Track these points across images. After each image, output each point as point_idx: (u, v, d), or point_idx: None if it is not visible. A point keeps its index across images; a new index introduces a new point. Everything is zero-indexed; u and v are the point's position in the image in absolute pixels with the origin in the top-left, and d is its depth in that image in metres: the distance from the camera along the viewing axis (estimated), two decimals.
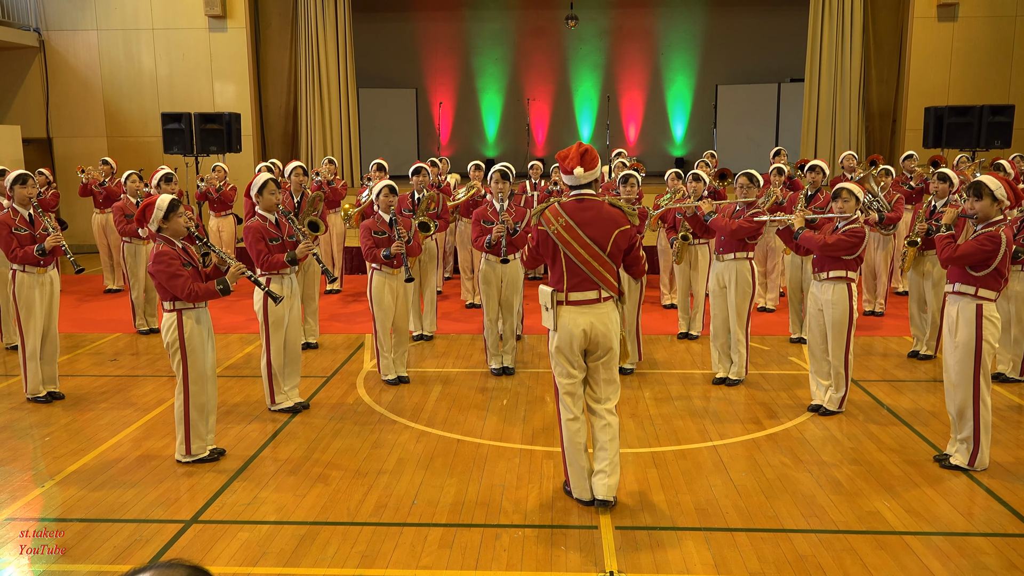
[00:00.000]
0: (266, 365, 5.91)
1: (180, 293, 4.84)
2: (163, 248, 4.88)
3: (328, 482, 4.79)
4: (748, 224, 6.31)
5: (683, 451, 5.23)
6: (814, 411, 5.91)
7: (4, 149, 12.70)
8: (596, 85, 18.33)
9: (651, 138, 18.32)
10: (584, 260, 4.21)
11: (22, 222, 6.19)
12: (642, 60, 18.23)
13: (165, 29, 13.98)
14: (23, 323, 6.17)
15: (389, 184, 6.54)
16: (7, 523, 4.33)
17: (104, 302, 10.02)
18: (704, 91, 17.93)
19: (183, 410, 5.02)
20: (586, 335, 4.27)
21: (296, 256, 5.86)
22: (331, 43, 14.44)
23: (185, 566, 1.26)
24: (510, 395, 6.38)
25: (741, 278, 6.40)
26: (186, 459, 5.06)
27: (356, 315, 9.13)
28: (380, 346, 6.58)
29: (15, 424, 5.84)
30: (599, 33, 18.13)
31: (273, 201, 5.94)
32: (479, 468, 4.98)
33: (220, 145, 12.50)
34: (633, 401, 6.14)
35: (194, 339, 4.94)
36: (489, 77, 18.35)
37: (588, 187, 4.29)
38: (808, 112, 14.34)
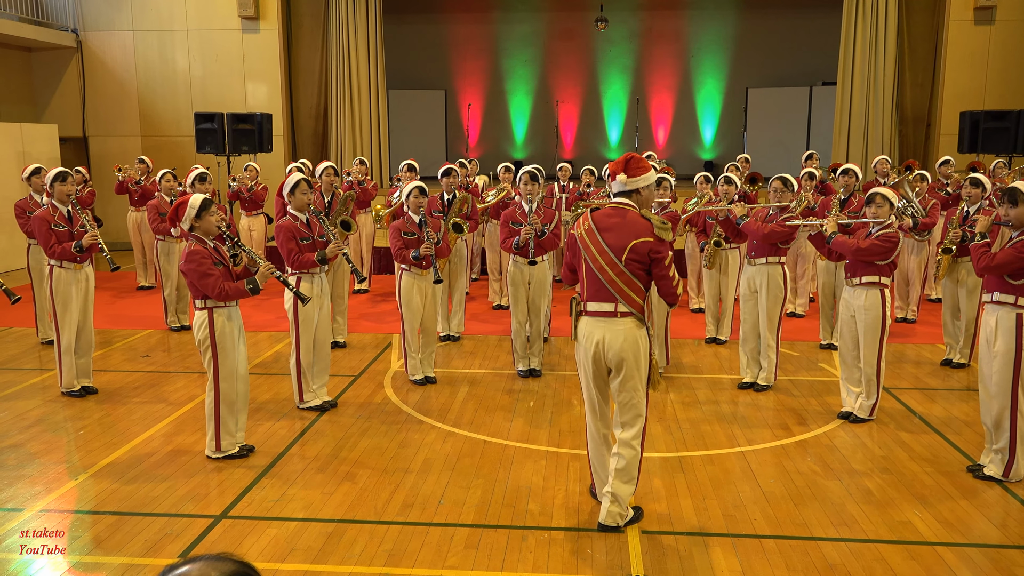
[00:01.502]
0: (295, 363, 5.96)
1: (211, 292, 4.89)
2: (195, 247, 4.93)
3: (355, 480, 4.82)
4: (781, 228, 6.25)
5: (711, 456, 5.20)
6: (844, 418, 5.85)
7: (41, 147, 12.93)
8: (625, 87, 18.28)
9: (680, 141, 18.23)
10: (600, 267, 4.08)
11: (61, 219, 6.29)
12: (672, 63, 18.15)
13: (199, 30, 14.16)
14: (59, 318, 6.26)
15: (419, 185, 6.57)
16: (42, 514, 4.41)
17: (137, 299, 10.16)
18: (734, 94, 17.82)
19: (213, 407, 5.07)
20: (599, 349, 4.11)
21: (326, 256, 5.91)
22: (362, 44, 14.54)
23: (233, 560, 1.27)
24: (536, 397, 6.38)
25: (773, 283, 6.34)
26: (216, 455, 5.12)
27: (385, 315, 9.18)
28: (408, 346, 6.61)
29: (50, 417, 5.94)
30: (629, 35, 18.08)
31: (305, 201, 5.97)
32: (505, 469, 4.98)
33: (252, 145, 12.63)
34: (661, 405, 6.11)
35: (225, 337, 5.00)
36: (518, 79, 18.37)
37: (628, 195, 4.17)
38: (840, 116, 14.19)
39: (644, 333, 4.12)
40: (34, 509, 4.47)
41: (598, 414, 4.31)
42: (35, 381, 6.83)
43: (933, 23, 13.93)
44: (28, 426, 5.76)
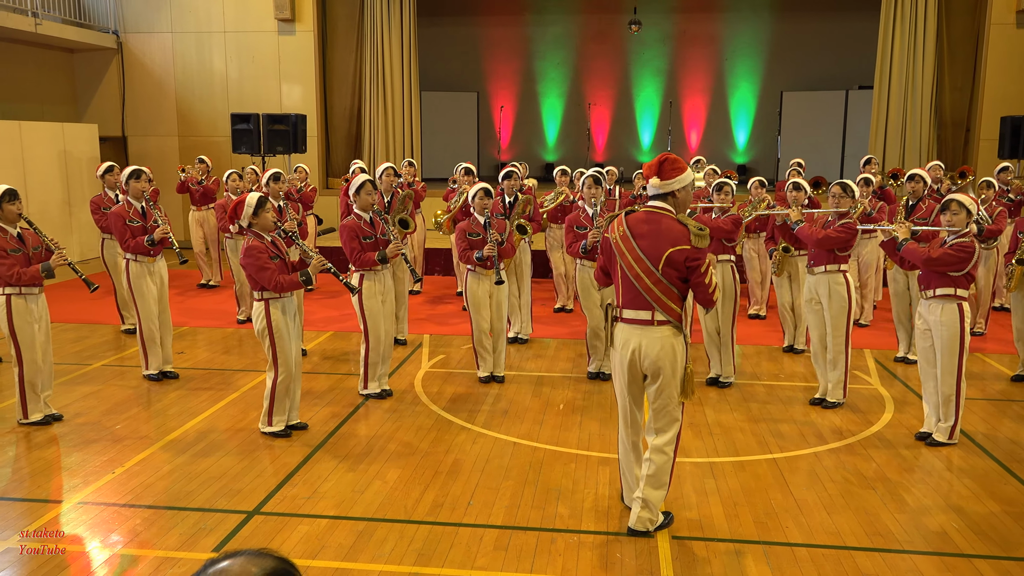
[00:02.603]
0: (364, 354, 6.27)
1: (267, 284, 5.25)
2: (252, 242, 5.27)
3: (386, 480, 4.85)
4: (836, 234, 5.97)
5: (742, 463, 5.16)
6: (922, 439, 5.52)
7: (82, 147, 13.19)
8: (658, 90, 18.20)
9: (713, 144, 18.11)
10: (636, 275, 4.02)
11: (135, 214, 6.64)
12: (705, 65, 18.04)
13: (236, 32, 14.35)
14: (140, 307, 6.63)
15: (484, 187, 6.67)
16: (80, 506, 4.50)
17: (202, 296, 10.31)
18: (768, 97, 17.66)
19: (271, 386, 5.46)
20: (635, 357, 4.07)
21: (387, 255, 6.10)
22: (395, 46, 14.64)
23: (273, 556, 1.29)
24: (567, 400, 6.37)
25: (835, 292, 6.03)
26: (267, 429, 5.54)
27: (446, 316, 9.19)
28: (478, 346, 6.70)
29: (88, 412, 6.05)
30: (662, 38, 18.00)
31: (369, 201, 6.17)
32: (535, 471, 4.98)
33: (286, 146, 12.77)
34: (691, 411, 6.07)
35: (280, 326, 5.35)
36: (550, 81, 18.38)
37: (663, 198, 4.08)
38: (877, 121, 14.00)
39: (681, 341, 4.07)
40: (72, 501, 4.56)
41: (629, 421, 4.29)
42: (75, 375, 6.95)
43: (973, 26, 13.70)
44: (67, 419, 5.87)
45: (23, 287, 5.54)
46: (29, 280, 5.52)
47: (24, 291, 5.56)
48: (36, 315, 5.63)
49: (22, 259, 5.54)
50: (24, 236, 5.64)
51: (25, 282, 5.51)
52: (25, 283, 5.52)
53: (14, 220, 5.60)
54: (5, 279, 5.48)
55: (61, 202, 12.54)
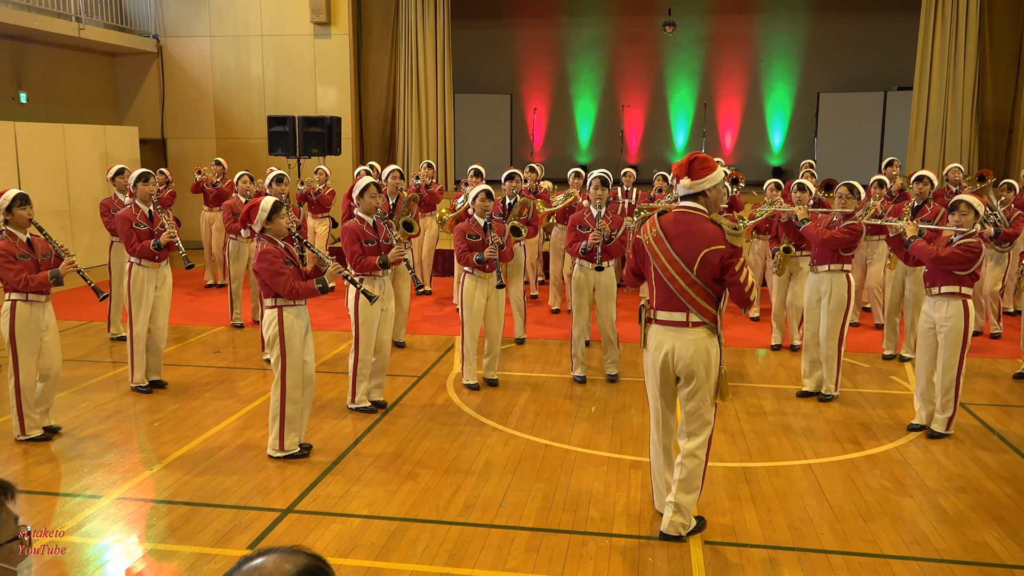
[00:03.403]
0: (353, 364, 6.06)
1: (282, 290, 5.03)
2: (266, 247, 5.08)
3: (417, 480, 4.87)
4: (841, 235, 6.09)
5: (776, 468, 5.10)
6: (915, 431, 5.70)
7: (123, 149, 13.45)
8: (692, 92, 18.08)
9: (748, 147, 17.94)
10: (670, 277, 3.98)
11: (142, 218, 6.50)
12: (740, 67, 17.88)
13: (273, 35, 14.53)
14: (133, 314, 6.46)
15: (486, 189, 6.62)
16: (119, 502, 4.58)
17: (208, 296, 10.46)
18: (805, 99, 17.46)
19: (279, 404, 5.16)
20: (668, 359, 4.05)
21: (388, 260, 5.98)
22: (430, 49, 14.71)
23: (306, 553, 1.30)
24: (599, 402, 6.35)
25: (836, 291, 6.19)
26: (278, 454, 5.19)
27: (447, 317, 9.26)
28: (466, 350, 6.63)
29: (126, 409, 6.17)
30: (697, 39, 17.88)
31: (373, 204, 6.06)
32: (566, 474, 4.97)
33: (321, 148, 12.89)
34: (724, 415, 6.02)
35: (293, 334, 5.11)
36: (584, 83, 18.34)
37: (694, 198, 4.05)
38: (916, 122, 13.77)
39: (716, 343, 4.04)
40: (111, 497, 4.64)
41: (662, 425, 4.26)
42: (111, 374, 7.09)
43: (1017, 25, 13.41)
44: (106, 417, 5.99)
45: (30, 294, 5.41)
46: (37, 287, 5.38)
47: (31, 298, 5.42)
48: (43, 323, 5.49)
49: (31, 265, 5.44)
50: (33, 242, 5.54)
51: (33, 288, 5.38)
52: (32, 289, 5.38)
53: (24, 225, 5.49)
54: (12, 284, 5.36)
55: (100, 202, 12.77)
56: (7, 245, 5.38)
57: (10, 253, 5.36)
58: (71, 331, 8.55)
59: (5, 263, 5.33)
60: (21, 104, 12.72)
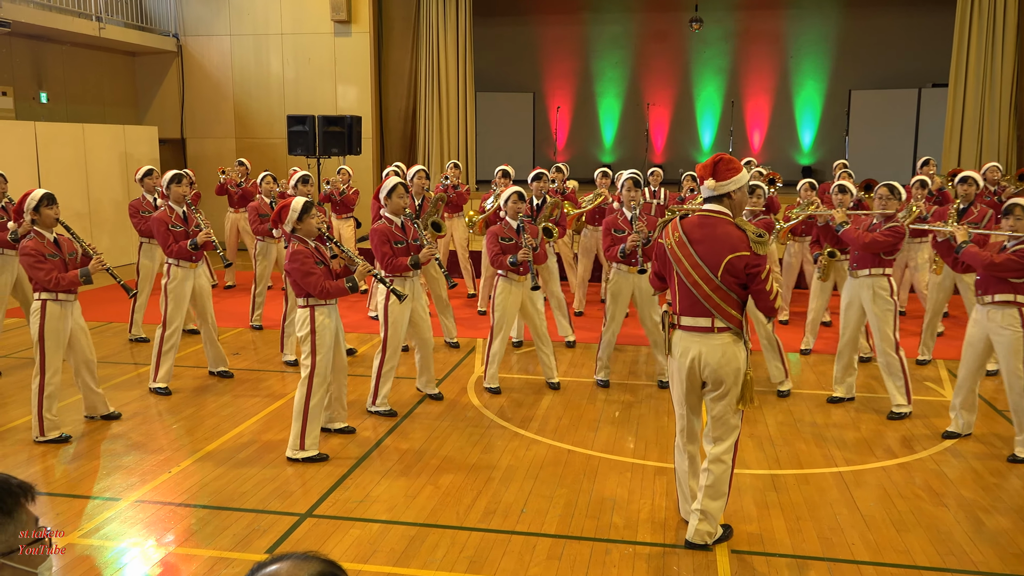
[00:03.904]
0: (378, 364, 6.10)
1: (313, 290, 5.18)
2: (297, 248, 5.23)
3: (438, 485, 4.88)
4: (883, 238, 5.93)
5: (806, 475, 5.06)
6: (951, 438, 5.62)
7: (142, 149, 13.61)
8: (719, 90, 17.98)
9: (777, 146, 17.81)
10: (694, 282, 3.96)
11: (177, 219, 6.72)
12: (769, 64, 17.76)
13: (293, 34, 14.64)
14: (169, 314, 6.62)
15: (518, 191, 6.61)
16: (138, 504, 4.63)
17: (227, 297, 10.55)
18: (836, 96, 17.30)
19: (303, 403, 5.22)
20: (694, 365, 4.02)
21: (419, 260, 6.05)
22: (451, 47, 14.75)
23: (320, 559, 1.30)
24: (622, 407, 6.33)
25: (879, 296, 6.01)
26: (298, 455, 5.22)
27: (471, 319, 9.26)
28: (492, 353, 6.62)
29: (146, 411, 6.23)
30: (724, 36, 17.78)
31: (401, 205, 6.15)
32: (589, 480, 4.96)
33: (341, 147, 12.96)
34: (751, 421, 5.98)
35: (325, 333, 5.26)
36: (608, 81, 18.30)
37: (719, 200, 4.02)
38: (952, 120, 13.60)
39: (742, 347, 4.01)
40: (130, 499, 4.70)
41: (687, 431, 4.24)
42: (134, 375, 7.17)
43: None
44: (126, 418, 6.06)
45: (60, 293, 5.54)
46: (67, 285, 5.51)
47: (61, 297, 5.55)
48: (72, 321, 5.63)
49: (59, 264, 5.57)
50: (60, 241, 5.67)
51: (63, 288, 5.50)
52: (63, 288, 5.51)
53: (51, 225, 5.63)
54: (43, 284, 5.49)
55: (120, 204, 12.93)
56: (36, 245, 5.52)
57: (40, 253, 5.50)
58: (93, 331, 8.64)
59: (35, 263, 5.48)
60: (42, 104, 12.92)
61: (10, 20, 11.05)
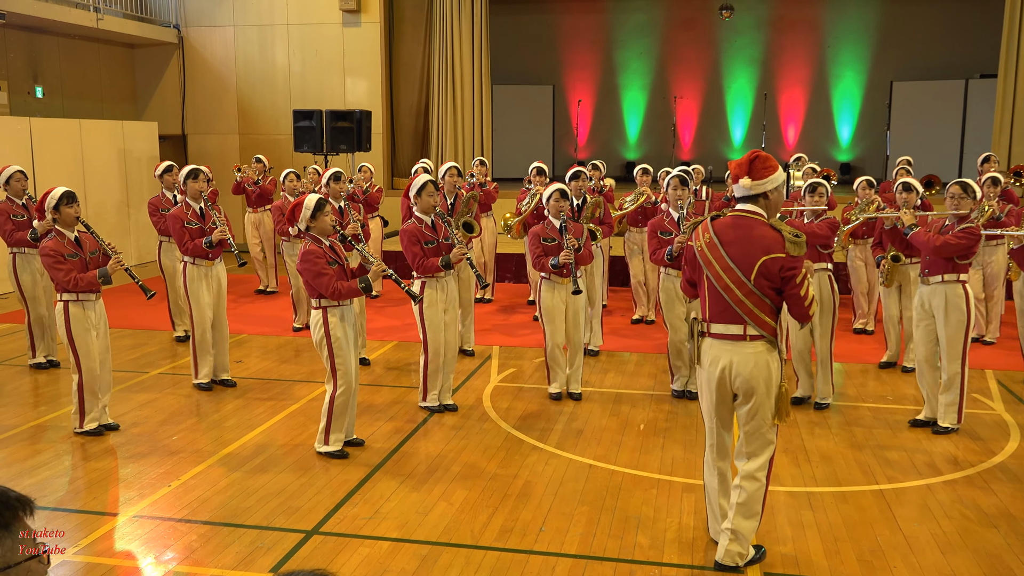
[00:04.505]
0: (424, 364, 6.34)
1: (325, 291, 5.31)
2: (310, 247, 5.37)
3: (451, 501, 4.89)
4: (956, 241, 5.74)
5: (844, 493, 5.02)
6: None
7: (142, 146, 13.74)
8: (751, 81, 17.94)
9: (813, 140, 17.73)
10: (725, 286, 3.94)
11: (194, 216, 6.86)
12: (805, 54, 17.69)
13: (299, 24, 14.74)
14: (196, 314, 6.84)
15: (560, 188, 6.60)
16: (136, 520, 4.67)
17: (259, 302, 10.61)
18: (876, 88, 17.21)
19: (329, 401, 5.50)
20: (725, 375, 4.01)
21: (451, 260, 6.12)
22: (466, 37, 14.80)
23: None
24: (648, 420, 6.32)
25: (952, 304, 5.83)
26: (323, 448, 5.55)
27: (517, 327, 9.24)
28: (550, 360, 6.69)
29: (143, 422, 6.28)
30: (756, 24, 17.73)
31: (431, 203, 6.23)
32: (612, 497, 4.95)
33: (350, 144, 13.03)
34: (786, 435, 5.94)
35: (339, 335, 5.40)
36: (632, 73, 18.30)
37: (754, 200, 4.01)
38: (1001, 113, 13.48)
39: (776, 357, 3.99)
40: (128, 514, 4.73)
41: (717, 445, 4.22)
42: (132, 383, 7.23)
43: None
44: (124, 429, 6.10)
45: (80, 293, 5.77)
46: (86, 286, 5.73)
47: (81, 297, 5.77)
48: (93, 322, 5.86)
49: (79, 264, 5.78)
50: (81, 240, 5.89)
51: (82, 288, 5.72)
52: (82, 289, 5.73)
53: (72, 223, 5.85)
54: (63, 285, 5.71)
55: (119, 203, 13.07)
56: (56, 245, 5.73)
57: (59, 253, 5.71)
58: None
59: (55, 263, 5.68)
60: (37, 99, 13.08)
61: (5, 11, 11.21)
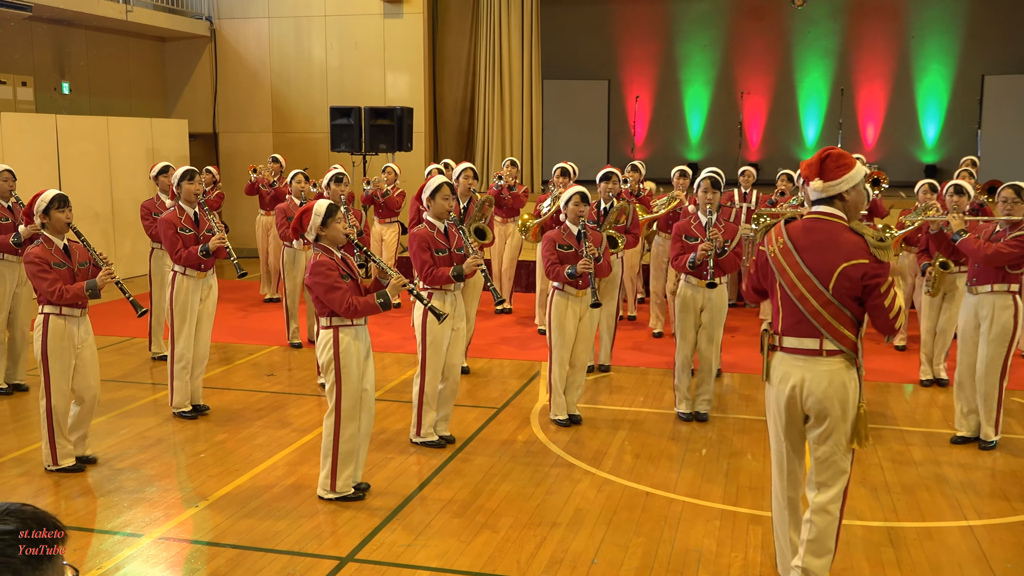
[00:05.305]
0: (418, 391, 6.10)
1: (338, 308, 5.07)
2: (321, 258, 5.12)
3: (496, 529, 4.89)
4: (1009, 249, 5.77)
5: (928, 529, 4.92)
6: None
7: (171, 144, 14.04)
8: (826, 76, 17.75)
9: (895, 140, 17.48)
10: (800, 295, 3.90)
11: (187, 221, 6.70)
12: (886, 45, 17.46)
13: (338, 16, 14.94)
14: (176, 329, 6.65)
15: (581, 191, 6.54)
16: (160, 542, 4.75)
17: (263, 311, 10.78)
18: (966, 83, 16.90)
19: (332, 438, 5.21)
20: (796, 394, 3.95)
21: (463, 271, 6.01)
22: (515, 29, 14.86)
23: None
24: (710, 444, 6.26)
25: (998, 317, 5.91)
26: (328, 495, 5.25)
27: (529, 339, 9.29)
28: (554, 380, 6.60)
29: (169, 438, 6.40)
30: (832, 13, 17.55)
31: (445, 207, 6.09)
32: (671, 528, 4.92)
33: (390, 143, 13.14)
34: (863, 463, 5.85)
35: (350, 358, 5.14)
36: (695, 66, 18.21)
37: (829, 202, 3.96)
38: None
39: (854, 375, 3.93)
40: (152, 536, 4.82)
41: (787, 472, 4.17)
42: (152, 398, 7.37)
43: None
44: (147, 446, 6.23)
45: (64, 307, 5.56)
46: (71, 299, 5.52)
47: (65, 312, 5.56)
48: (79, 339, 5.65)
49: (66, 274, 5.58)
50: (71, 249, 5.71)
51: (67, 301, 5.51)
52: (67, 302, 5.52)
53: (62, 230, 5.66)
54: (46, 296, 5.50)
55: None
56: (42, 252, 5.56)
57: (45, 261, 5.53)
58: (109, 348, 8.94)
59: (39, 272, 5.51)
60: (63, 95, 13.45)
61: (31, 3, 11.54)
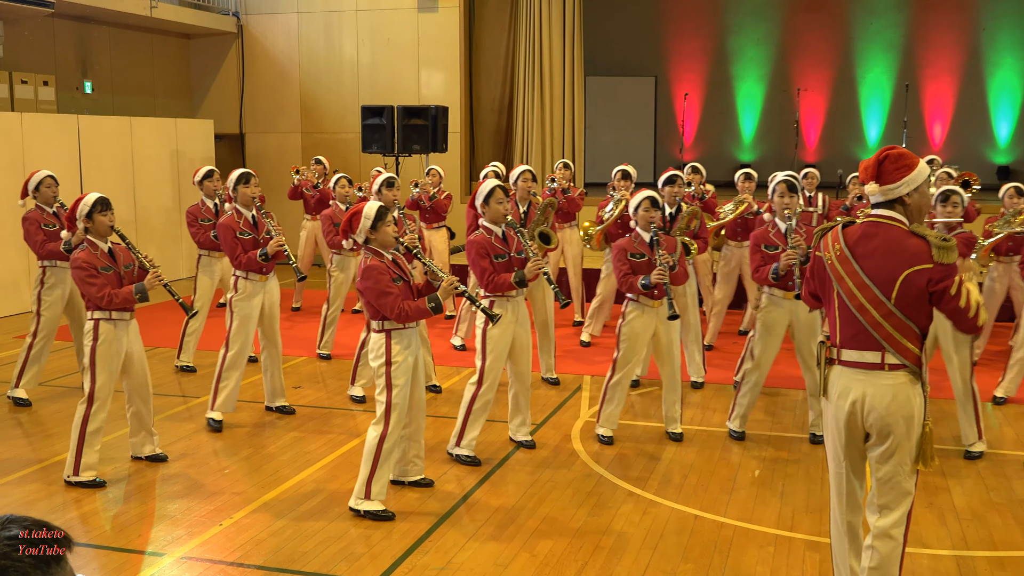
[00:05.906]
0: (469, 399, 6.18)
1: (390, 312, 5.24)
2: (372, 262, 5.30)
3: (535, 552, 4.90)
4: None
5: (1002, 559, 4.85)
6: None
7: (196, 146, 14.25)
8: (890, 71, 17.58)
9: (965, 140, 17.26)
10: (859, 305, 3.85)
11: (246, 225, 6.96)
12: (955, 38, 17.27)
13: (370, 11, 15.08)
14: (233, 333, 6.89)
15: (650, 196, 6.52)
16: (183, 562, 4.82)
17: (290, 320, 10.88)
18: None
19: (376, 444, 5.30)
20: (856, 410, 3.90)
21: (525, 276, 6.10)
22: (556, 23, 14.90)
23: None
24: (765, 464, 6.22)
25: None
26: (360, 506, 5.32)
27: (594, 353, 9.26)
28: (611, 393, 6.61)
29: (192, 453, 6.49)
30: (896, 4, 17.40)
31: (501, 212, 6.21)
32: (721, 554, 4.89)
33: (424, 143, 13.21)
34: (928, 486, 5.77)
35: (402, 365, 5.32)
36: (748, 62, 18.13)
37: (890, 206, 3.93)
38: None
39: (919, 391, 3.88)
40: (175, 556, 4.89)
41: (846, 494, 4.12)
42: (177, 411, 7.47)
43: None
44: (171, 460, 6.31)
45: (114, 311, 5.78)
46: (121, 303, 5.73)
47: (115, 316, 5.78)
48: (127, 344, 5.87)
49: (113, 279, 5.77)
50: (115, 252, 5.91)
51: (117, 305, 5.72)
52: (117, 306, 5.73)
53: (106, 233, 5.86)
54: (95, 301, 5.70)
55: (169, 208, 13.57)
56: (88, 257, 5.76)
57: (92, 266, 5.74)
58: None
59: (87, 277, 5.71)
60: (85, 95, 13.71)
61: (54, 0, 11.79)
